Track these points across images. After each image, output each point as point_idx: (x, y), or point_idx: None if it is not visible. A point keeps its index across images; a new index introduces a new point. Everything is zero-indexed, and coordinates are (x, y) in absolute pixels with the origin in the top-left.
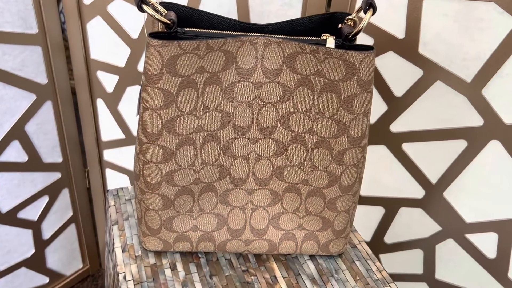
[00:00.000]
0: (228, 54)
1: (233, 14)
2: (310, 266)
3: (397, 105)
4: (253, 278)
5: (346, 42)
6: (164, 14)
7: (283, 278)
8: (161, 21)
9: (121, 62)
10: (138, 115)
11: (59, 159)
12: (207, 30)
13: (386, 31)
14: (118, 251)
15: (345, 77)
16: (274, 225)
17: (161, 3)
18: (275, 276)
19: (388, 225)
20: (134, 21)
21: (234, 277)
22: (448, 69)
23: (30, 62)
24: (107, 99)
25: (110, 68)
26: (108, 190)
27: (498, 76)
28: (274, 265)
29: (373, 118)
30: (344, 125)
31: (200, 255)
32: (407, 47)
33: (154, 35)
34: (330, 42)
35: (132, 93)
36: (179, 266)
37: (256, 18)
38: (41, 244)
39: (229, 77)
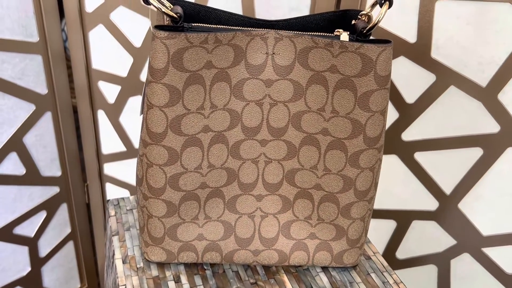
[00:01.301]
0: (237, 48)
1: None
2: (323, 279)
3: (408, 113)
4: None
5: (361, 37)
6: (170, 8)
7: None
8: (167, 14)
9: (123, 72)
10: (142, 115)
11: (58, 172)
12: (214, 26)
13: (396, 35)
14: (118, 262)
15: (361, 72)
16: (285, 234)
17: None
18: None
19: (400, 240)
20: (137, 29)
21: None
22: (462, 74)
23: (30, 71)
24: (108, 110)
25: (112, 78)
26: (109, 200)
27: None
28: (285, 278)
29: None
30: (360, 124)
31: (205, 267)
32: (419, 52)
33: (160, 27)
34: (344, 36)
35: (134, 104)
36: (184, 279)
37: None
38: (37, 262)
39: (238, 74)
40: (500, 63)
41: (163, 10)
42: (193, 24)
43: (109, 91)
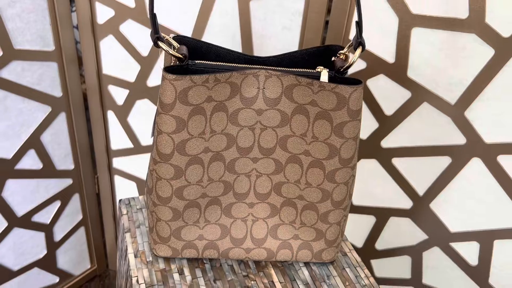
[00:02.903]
0: (233, 85)
1: (237, 36)
2: (305, 272)
3: (387, 123)
4: (252, 283)
5: (338, 75)
6: (176, 48)
7: (280, 283)
8: (174, 56)
9: (131, 77)
10: (153, 137)
11: (71, 166)
12: (214, 63)
13: (378, 55)
14: (131, 256)
15: (337, 107)
16: (273, 235)
17: (174, 37)
18: (272, 281)
19: (379, 233)
20: (144, 40)
21: (235, 282)
22: (434, 92)
23: (46, 77)
24: (117, 111)
25: (120, 83)
26: (121, 200)
27: (479, 100)
28: (272, 271)
29: (365, 134)
30: (335, 148)
31: (205, 261)
32: (397, 71)
33: (168, 69)
34: (324, 74)
35: (141, 106)
36: (186, 271)
37: (258, 40)
38: (52, 245)
39: (233, 105)
40: (467, 84)
41: (170, 52)
42: (196, 62)
43: (118, 94)
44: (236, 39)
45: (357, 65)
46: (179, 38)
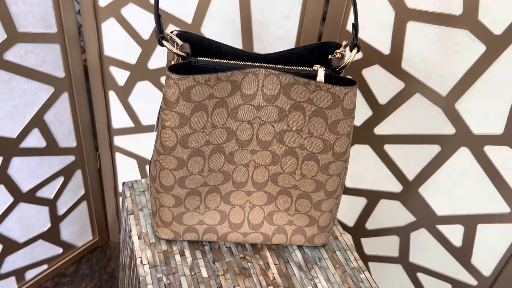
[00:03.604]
0: (234, 83)
1: (236, 22)
2: (298, 255)
3: (381, 111)
4: (249, 264)
5: (334, 74)
6: (180, 45)
7: (275, 265)
8: (177, 54)
9: (132, 60)
10: (156, 131)
11: (73, 143)
12: (216, 60)
13: (373, 46)
14: (135, 238)
15: (332, 106)
16: (268, 221)
17: (177, 34)
18: (268, 263)
19: (369, 214)
20: (146, 24)
21: (233, 263)
22: (426, 84)
23: (49, 59)
24: (119, 91)
25: (122, 64)
26: (124, 183)
27: (469, 93)
28: (267, 253)
29: (359, 121)
30: (329, 143)
31: (204, 243)
32: (392, 62)
33: (172, 68)
34: (321, 72)
35: (142, 87)
36: (187, 253)
37: (258, 27)
38: (56, 219)
39: (234, 101)
40: (459, 77)
41: (174, 51)
42: (198, 59)
43: (119, 75)
44: (235, 25)
45: None
46: (182, 34)
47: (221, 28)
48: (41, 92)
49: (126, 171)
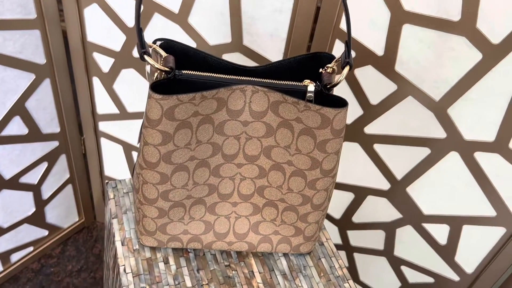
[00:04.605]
0: (220, 100)
1: (225, 14)
2: (283, 262)
3: (371, 111)
4: (234, 273)
5: (325, 90)
6: (163, 58)
7: (259, 273)
8: (161, 70)
9: (116, 47)
10: (139, 144)
11: (57, 129)
12: (201, 74)
13: (367, 47)
14: (118, 244)
15: (320, 126)
16: (254, 231)
17: (161, 41)
18: (252, 271)
19: (356, 208)
20: (131, 11)
21: (218, 272)
22: (419, 87)
23: (29, 45)
24: (103, 78)
25: (106, 51)
26: (108, 183)
27: (463, 99)
28: (252, 261)
29: (349, 119)
30: (317, 161)
31: (189, 250)
32: (385, 64)
33: (155, 85)
34: (311, 88)
35: (127, 75)
36: (171, 260)
37: (248, 19)
38: (41, 203)
39: (220, 117)
40: (453, 84)
41: (157, 66)
42: (183, 72)
43: (103, 62)
44: (225, 16)
45: None
46: (166, 43)
47: (210, 19)
48: (22, 79)
49: (112, 156)
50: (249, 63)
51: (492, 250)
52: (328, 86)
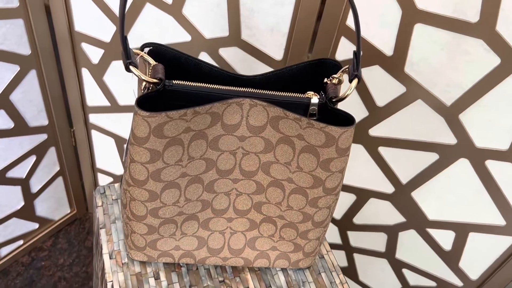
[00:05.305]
0: (214, 114)
1: (223, 7)
2: (281, 278)
3: (377, 113)
4: None
5: (329, 104)
6: (152, 66)
7: None
8: (148, 82)
9: (106, 37)
10: (124, 160)
11: (45, 122)
12: (194, 84)
13: (375, 46)
14: (106, 257)
15: (324, 145)
16: (251, 246)
17: (150, 47)
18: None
19: (358, 210)
20: None
21: None
22: (430, 91)
23: (11, 35)
24: (92, 69)
25: (95, 42)
26: (96, 189)
27: (476, 105)
28: (248, 276)
29: None
30: (320, 179)
31: (181, 265)
32: (394, 65)
33: (142, 100)
34: (314, 100)
35: (117, 66)
36: (162, 275)
37: (246, 12)
38: (30, 197)
39: (214, 132)
40: (466, 88)
41: (143, 78)
42: (173, 82)
43: (93, 53)
44: (221, 8)
45: (352, 48)
46: (156, 48)
47: (206, 10)
48: (5, 71)
49: (104, 148)
50: (247, 58)
51: (500, 259)
52: (333, 100)
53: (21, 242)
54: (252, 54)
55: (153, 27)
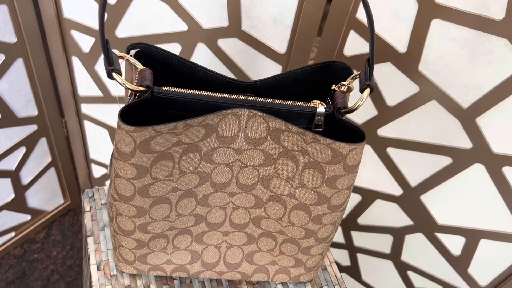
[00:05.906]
0: (208, 126)
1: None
2: None
3: (387, 113)
4: None
5: (338, 115)
6: (139, 71)
7: None
8: (134, 91)
9: (97, 25)
10: (109, 174)
11: (34, 112)
12: (186, 91)
13: (387, 42)
14: (93, 269)
15: (331, 162)
16: (248, 261)
17: (137, 49)
18: None
19: (363, 211)
20: None
21: None
22: (446, 92)
23: None
24: (83, 58)
25: (85, 29)
26: (84, 192)
27: (496, 108)
28: None
29: (361, 119)
30: (325, 197)
31: (174, 277)
32: (407, 63)
33: (126, 111)
34: (320, 109)
35: None
36: None
37: (247, 2)
38: (20, 189)
39: (208, 145)
40: (486, 91)
41: (128, 86)
42: (163, 89)
43: (83, 41)
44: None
45: (363, 47)
46: (144, 49)
47: None
48: None
49: (97, 139)
50: (248, 50)
51: None
52: (342, 110)
53: (13, 234)
54: (253, 46)
55: (146, 14)
